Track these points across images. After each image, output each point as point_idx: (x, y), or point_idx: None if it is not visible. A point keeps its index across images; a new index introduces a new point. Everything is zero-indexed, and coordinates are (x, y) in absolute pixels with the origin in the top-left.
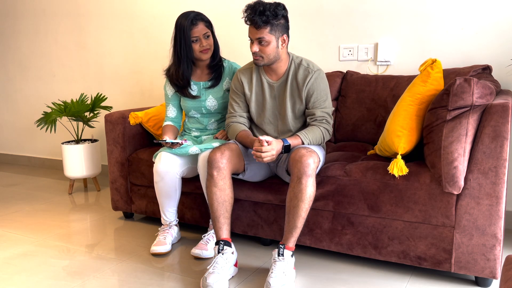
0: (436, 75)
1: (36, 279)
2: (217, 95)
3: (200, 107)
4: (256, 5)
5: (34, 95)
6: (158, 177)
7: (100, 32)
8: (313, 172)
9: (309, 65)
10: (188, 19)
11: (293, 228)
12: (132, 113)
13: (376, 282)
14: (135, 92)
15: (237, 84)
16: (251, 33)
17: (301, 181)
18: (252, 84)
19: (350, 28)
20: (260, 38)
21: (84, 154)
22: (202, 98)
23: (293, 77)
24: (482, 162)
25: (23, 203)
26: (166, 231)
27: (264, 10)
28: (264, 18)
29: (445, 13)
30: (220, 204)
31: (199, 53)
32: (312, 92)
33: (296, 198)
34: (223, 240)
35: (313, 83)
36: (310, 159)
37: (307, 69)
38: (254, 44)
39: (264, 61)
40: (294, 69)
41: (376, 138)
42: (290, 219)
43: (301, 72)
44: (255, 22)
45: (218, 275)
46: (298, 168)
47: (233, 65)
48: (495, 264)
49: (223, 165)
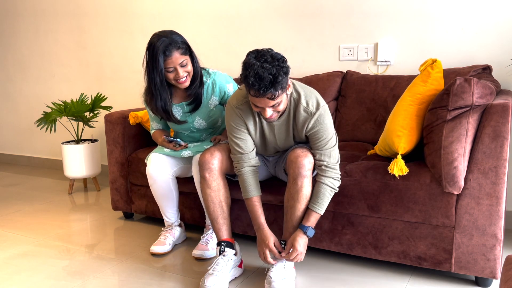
0: (436, 75)
1: (36, 279)
2: (204, 115)
3: (189, 128)
4: (261, 72)
5: (34, 95)
6: (151, 180)
7: (100, 32)
8: (308, 173)
9: (308, 105)
10: (161, 48)
11: (292, 228)
12: (132, 113)
13: (376, 282)
14: (135, 92)
15: (239, 121)
16: (260, 103)
17: (296, 182)
18: (256, 121)
19: (350, 28)
20: (274, 105)
21: (84, 154)
22: (189, 120)
23: (293, 117)
24: (482, 162)
25: (23, 203)
26: (167, 231)
27: (275, 76)
28: (279, 86)
29: (445, 13)
30: (216, 205)
31: (175, 82)
32: (313, 134)
33: (293, 199)
34: (224, 241)
35: (313, 126)
36: (305, 159)
37: (306, 111)
38: (267, 110)
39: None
40: (293, 108)
41: (376, 138)
42: (288, 219)
43: (300, 114)
44: (270, 95)
45: (216, 277)
46: (293, 169)
47: (215, 78)
48: (495, 264)
49: (214, 166)
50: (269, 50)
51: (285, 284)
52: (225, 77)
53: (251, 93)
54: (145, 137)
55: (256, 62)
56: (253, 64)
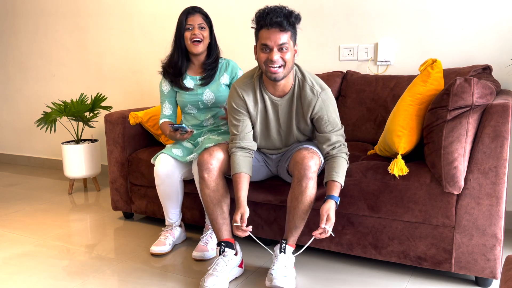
0: (436, 75)
1: (36, 279)
2: (214, 89)
3: (197, 101)
4: (278, 8)
5: (34, 95)
6: (159, 180)
7: (100, 32)
8: (314, 174)
9: (314, 85)
10: (186, 9)
11: (293, 228)
12: (132, 113)
13: (376, 282)
14: (135, 92)
15: (239, 102)
16: (270, 39)
17: (301, 184)
18: (257, 102)
19: (350, 28)
20: (283, 43)
21: (84, 154)
22: (198, 91)
23: (298, 96)
24: (482, 162)
25: (23, 203)
26: (167, 231)
27: (291, 13)
28: (292, 20)
29: (445, 13)
30: (215, 205)
31: (190, 42)
32: (321, 117)
33: (297, 200)
34: (224, 241)
35: (321, 107)
36: (311, 161)
37: (312, 90)
38: (274, 52)
39: (284, 72)
40: (298, 87)
41: (376, 138)
42: (291, 219)
43: (306, 93)
44: (281, 25)
45: (216, 277)
46: (299, 170)
47: (230, 62)
48: (495, 264)
49: (213, 166)
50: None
51: (286, 281)
52: (237, 65)
53: (262, 24)
54: (145, 137)
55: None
56: (266, 7)
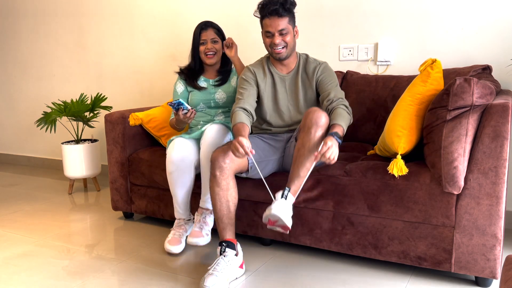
0: (436, 75)
1: (36, 279)
2: (226, 89)
3: (209, 100)
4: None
5: (34, 95)
6: (173, 167)
7: (100, 32)
8: (324, 126)
9: (316, 59)
10: (201, 24)
11: (297, 178)
12: (132, 114)
13: (376, 282)
14: (135, 92)
15: (250, 74)
16: (271, 26)
17: (311, 131)
18: (265, 76)
19: (350, 28)
20: (283, 28)
21: (84, 154)
22: (211, 90)
23: (303, 69)
24: (482, 162)
25: (23, 203)
26: (181, 227)
27: (285, 0)
28: (287, 6)
29: (445, 13)
30: (223, 204)
31: (204, 55)
32: (323, 78)
33: (304, 148)
34: (226, 241)
35: (323, 71)
36: (322, 113)
37: (315, 62)
38: (276, 36)
39: (287, 52)
40: (303, 63)
41: (376, 138)
42: (295, 168)
43: (310, 65)
44: (278, 12)
45: (216, 277)
46: (310, 119)
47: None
48: (495, 264)
49: (226, 165)
50: None
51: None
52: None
53: (263, 14)
54: (145, 137)
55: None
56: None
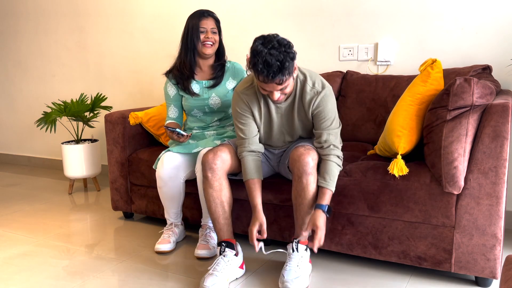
0: (436, 75)
1: (36, 279)
2: (220, 93)
3: (203, 105)
4: (269, 59)
5: (34, 95)
6: (162, 182)
7: (100, 32)
8: (313, 170)
9: (315, 85)
10: (200, 12)
11: (303, 224)
12: (132, 113)
13: (376, 282)
14: (135, 92)
15: (243, 106)
16: (270, 87)
17: (302, 180)
18: (260, 106)
19: (350, 28)
20: (284, 87)
21: (84, 154)
22: (205, 96)
23: (299, 98)
24: (482, 162)
25: (23, 203)
26: (170, 229)
27: (283, 62)
28: (286, 72)
29: (445, 13)
30: (217, 205)
31: (201, 46)
32: (318, 113)
33: (300, 197)
34: (225, 241)
35: (319, 105)
36: (308, 157)
37: (313, 90)
38: (274, 93)
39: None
40: (300, 89)
41: (376, 138)
42: (298, 216)
43: (307, 93)
44: (278, 80)
45: (216, 277)
46: (297, 167)
47: (235, 65)
48: (495, 264)
49: (217, 166)
50: (275, 35)
51: (297, 283)
52: (242, 67)
53: (260, 79)
54: (145, 137)
55: (264, 49)
56: (260, 51)
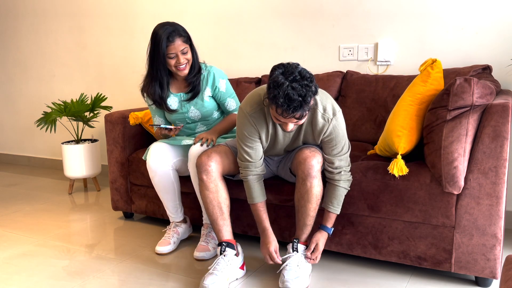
0: (436, 75)
1: (36, 279)
2: (198, 105)
3: (184, 118)
4: (291, 93)
5: (34, 95)
6: (152, 172)
7: (100, 32)
8: (318, 173)
9: (326, 111)
10: (164, 34)
11: (304, 226)
12: (132, 113)
13: (376, 282)
14: (135, 92)
15: (252, 130)
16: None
17: (306, 183)
18: (268, 129)
19: (350, 28)
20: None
21: (84, 154)
22: (183, 110)
23: (309, 123)
24: (482, 162)
25: (23, 203)
26: (171, 229)
27: (305, 98)
28: (307, 107)
29: (445, 13)
30: (215, 206)
31: (175, 69)
32: (330, 140)
33: (303, 199)
34: (225, 241)
35: (331, 132)
36: (313, 160)
37: (324, 117)
38: (289, 124)
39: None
40: (310, 114)
41: (376, 138)
42: (300, 218)
43: (318, 120)
44: (298, 115)
45: (216, 276)
46: (302, 170)
47: (211, 71)
48: (495, 264)
49: (211, 167)
50: (297, 65)
51: (298, 283)
52: (220, 72)
53: (278, 112)
54: (145, 137)
55: (285, 81)
56: (282, 83)
